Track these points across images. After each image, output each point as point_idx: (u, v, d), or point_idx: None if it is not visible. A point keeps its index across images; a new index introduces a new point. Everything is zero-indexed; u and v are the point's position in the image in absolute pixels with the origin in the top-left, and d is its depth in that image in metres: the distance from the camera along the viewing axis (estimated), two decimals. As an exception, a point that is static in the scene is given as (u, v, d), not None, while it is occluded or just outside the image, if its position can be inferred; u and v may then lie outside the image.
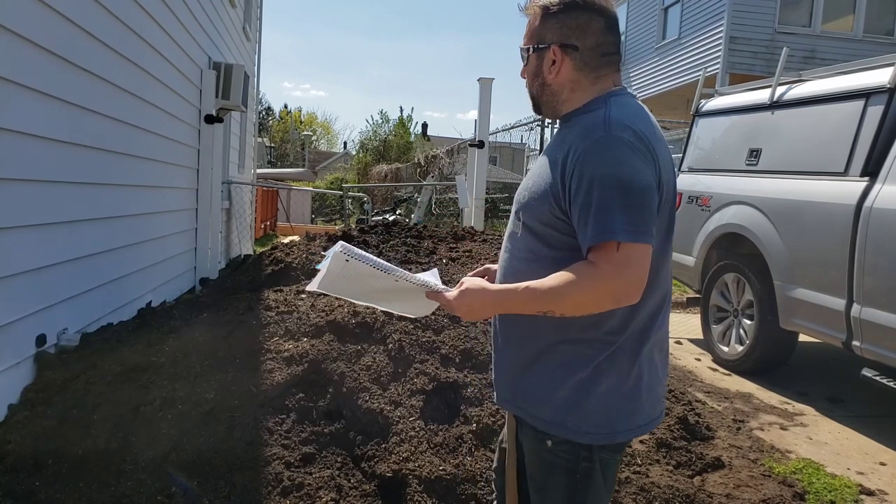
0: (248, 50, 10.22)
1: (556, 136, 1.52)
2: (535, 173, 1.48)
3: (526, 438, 1.51)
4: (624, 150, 1.30)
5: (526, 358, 1.47)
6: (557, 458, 1.44)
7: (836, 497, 2.94)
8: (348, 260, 1.39)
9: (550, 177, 1.38)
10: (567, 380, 1.41)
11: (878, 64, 4.14)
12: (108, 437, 2.46)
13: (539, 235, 1.41)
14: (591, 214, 1.28)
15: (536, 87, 1.50)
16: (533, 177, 1.47)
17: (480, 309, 1.42)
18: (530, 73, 1.51)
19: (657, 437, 3.10)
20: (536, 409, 1.45)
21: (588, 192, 1.29)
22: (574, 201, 1.32)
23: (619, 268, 1.27)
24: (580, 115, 1.43)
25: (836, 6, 12.61)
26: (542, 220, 1.40)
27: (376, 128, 26.77)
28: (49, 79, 3.07)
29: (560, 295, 1.30)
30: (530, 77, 1.51)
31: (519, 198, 1.49)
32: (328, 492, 2.33)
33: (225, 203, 8.09)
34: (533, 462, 1.51)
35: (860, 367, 3.83)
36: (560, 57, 1.44)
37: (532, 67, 1.49)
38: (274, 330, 3.12)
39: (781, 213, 4.43)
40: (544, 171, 1.42)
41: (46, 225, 3.17)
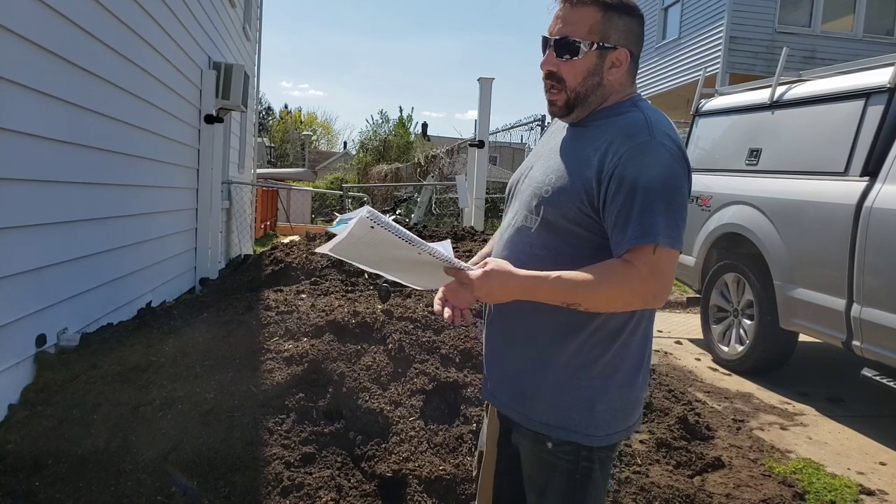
0: (247, 50, 10.22)
1: (579, 133, 1.44)
2: (555, 168, 1.41)
3: (524, 440, 1.47)
4: (668, 156, 1.31)
5: (532, 359, 1.43)
6: (558, 459, 1.42)
7: (836, 497, 2.94)
8: (374, 227, 1.28)
9: (583, 174, 1.35)
10: (576, 383, 1.39)
11: (878, 64, 4.14)
12: (108, 437, 2.46)
13: (560, 231, 1.38)
14: (633, 216, 1.28)
15: (590, 85, 1.39)
16: (555, 171, 1.40)
17: (502, 292, 1.32)
18: (584, 71, 1.38)
19: (657, 437, 3.10)
20: (543, 413, 1.42)
21: (631, 194, 1.28)
22: (612, 201, 1.30)
23: (655, 271, 1.28)
24: (610, 117, 1.40)
25: (835, 6, 12.61)
26: (566, 217, 1.36)
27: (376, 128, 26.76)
28: (49, 79, 3.07)
29: (593, 289, 1.28)
30: (585, 74, 1.38)
31: (538, 192, 1.41)
32: (328, 492, 2.33)
33: (225, 203, 8.09)
34: (531, 464, 1.48)
35: (860, 367, 3.83)
36: (626, 61, 1.39)
37: (590, 64, 1.37)
38: (274, 330, 3.12)
39: (781, 212, 4.43)
40: (573, 167, 1.37)
41: (46, 225, 3.17)
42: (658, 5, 15.05)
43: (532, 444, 1.46)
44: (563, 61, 1.38)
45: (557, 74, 1.39)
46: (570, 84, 1.39)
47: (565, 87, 1.39)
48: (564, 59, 1.38)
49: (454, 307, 1.56)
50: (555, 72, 1.39)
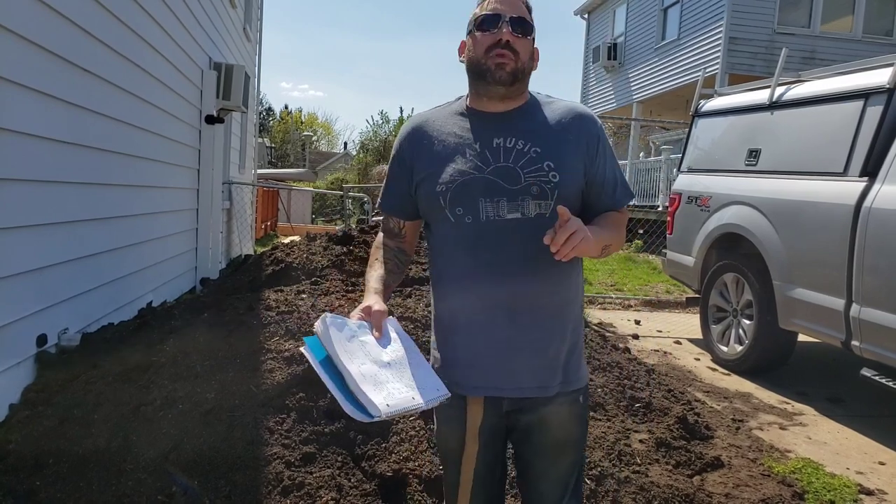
0: (248, 50, 10.22)
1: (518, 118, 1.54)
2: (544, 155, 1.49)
3: (560, 411, 1.57)
4: None
5: (557, 334, 1.55)
6: (585, 409, 1.65)
7: (836, 496, 2.94)
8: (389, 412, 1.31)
9: (577, 154, 1.53)
10: (579, 338, 1.63)
11: (878, 64, 4.15)
12: (109, 437, 2.46)
13: (572, 207, 1.49)
14: (619, 180, 1.60)
15: (530, 65, 1.55)
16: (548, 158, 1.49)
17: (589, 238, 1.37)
18: (530, 51, 1.54)
19: (656, 437, 3.10)
20: (574, 373, 1.59)
21: (613, 163, 1.60)
22: (602, 169, 1.57)
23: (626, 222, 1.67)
24: (546, 104, 1.60)
25: (835, 6, 12.62)
26: (575, 195, 1.54)
27: (376, 128, 26.82)
28: (49, 79, 3.08)
29: (620, 234, 1.60)
30: (529, 54, 1.54)
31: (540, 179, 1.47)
32: (328, 491, 2.34)
33: (226, 203, 8.10)
34: (571, 425, 1.62)
35: (859, 367, 3.83)
36: (537, 59, 1.60)
37: (531, 47, 1.55)
38: (274, 330, 3.12)
39: (781, 213, 4.43)
40: (564, 149, 1.52)
41: (47, 225, 3.17)
42: (657, 6, 15.05)
43: (569, 407, 1.59)
44: (518, 37, 1.51)
45: (513, 46, 1.50)
46: (522, 58, 1.51)
47: (517, 58, 1.50)
48: (518, 36, 1.51)
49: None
50: (511, 43, 1.50)
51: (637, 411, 3.36)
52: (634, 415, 3.33)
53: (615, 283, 8.71)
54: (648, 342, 5.74)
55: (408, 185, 1.60)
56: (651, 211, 11.84)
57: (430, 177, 1.53)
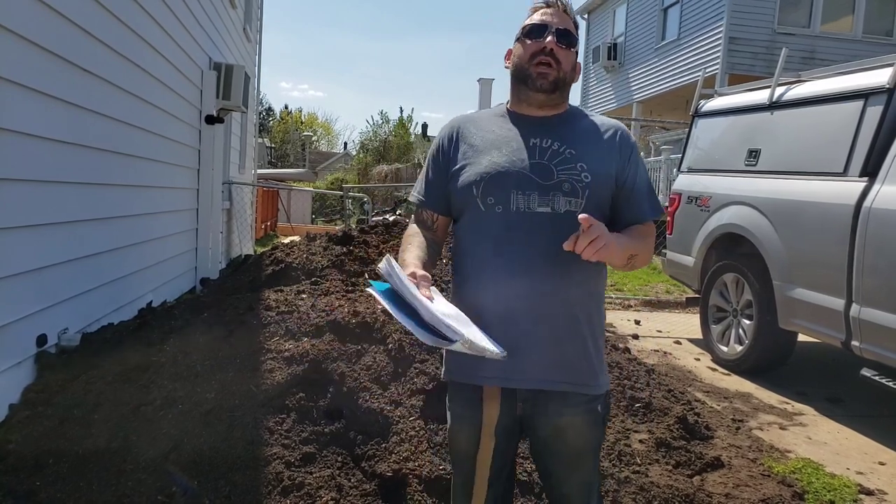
0: (248, 50, 10.22)
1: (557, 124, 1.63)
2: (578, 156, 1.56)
3: (577, 415, 1.59)
4: None
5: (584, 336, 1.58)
6: (603, 416, 1.66)
7: (836, 497, 2.94)
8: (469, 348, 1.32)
9: (610, 159, 1.59)
10: (600, 342, 1.65)
11: (878, 64, 4.15)
12: (109, 437, 2.46)
13: (596, 210, 1.53)
14: (648, 194, 1.63)
15: (572, 76, 1.63)
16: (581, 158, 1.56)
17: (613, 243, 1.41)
18: (573, 61, 1.62)
19: (656, 437, 3.10)
20: (594, 379, 1.60)
21: (645, 177, 1.64)
22: (633, 181, 1.61)
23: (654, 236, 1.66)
24: (585, 118, 1.67)
25: (835, 7, 12.62)
26: (605, 196, 1.58)
27: (376, 128, 26.78)
28: (49, 79, 3.08)
29: (648, 245, 1.60)
30: (572, 64, 1.62)
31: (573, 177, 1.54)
32: (328, 491, 2.34)
33: (225, 203, 8.10)
34: (588, 433, 1.63)
35: (859, 367, 3.83)
36: (579, 73, 1.67)
37: (574, 58, 1.63)
38: (274, 330, 3.12)
39: (781, 213, 4.43)
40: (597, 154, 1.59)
41: (47, 225, 3.17)
42: (657, 6, 15.05)
43: (587, 415, 1.60)
44: (562, 48, 1.59)
45: (556, 56, 1.58)
46: (564, 67, 1.60)
47: (560, 68, 1.59)
48: (562, 47, 1.59)
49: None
50: (555, 52, 1.58)
51: (637, 411, 3.36)
52: (634, 415, 3.33)
53: (615, 282, 8.71)
54: (648, 342, 5.74)
55: (445, 178, 1.66)
56: (651, 211, 11.81)
57: (466, 167, 1.60)
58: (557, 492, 1.67)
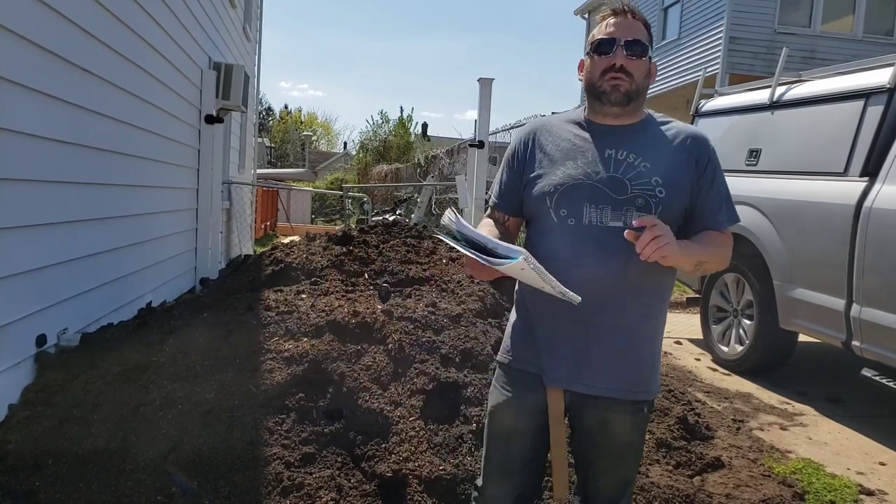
0: (248, 50, 10.22)
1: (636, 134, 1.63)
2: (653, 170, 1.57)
3: (624, 416, 1.63)
4: None
5: (639, 340, 1.62)
6: (646, 420, 1.70)
7: (836, 497, 2.94)
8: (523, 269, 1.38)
9: (686, 174, 1.60)
10: (657, 351, 1.67)
11: (878, 64, 4.14)
12: (109, 437, 2.46)
13: (670, 223, 1.52)
14: (724, 203, 1.64)
15: (645, 84, 1.64)
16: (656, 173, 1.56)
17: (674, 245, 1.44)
18: (645, 70, 1.62)
19: (657, 437, 3.10)
20: (647, 386, 1.64)
21: (721, 188, 1.64)
22: (709, 192, 1.62)
23: (731, 247, 1.67)
24: (663, 124, 1.67)
25: (835, 6, 12.61)
26: (678, 210, 1.59)
27: (376, 128, 26.76)
28: (49, 79, 3.07)
29: (719, 253, 1.61)
30: (644, 73, 1.62)
31: (647, 192, 1.55)
32: (328, 492, 2.33)
33: (225, 203, 8.09)
34: (634, 432, 1.67)
35: (860, 367, 3.83)
36: (654, 75, 1.68)
37: (646, 66, 1.63)
38: (274, 330, 3.12)
39: (781, 213, 4.43)
40: (672, 168, 1.58)
41: (47, 225, 3.17)
42: (658, 5, 15.05)
43: (633, 417, 1.64)
44: (633, 60, 1.59)
45: (626, 69, 1.59)
46: (636, 78, 1.60)
47: (632, 80, 1.59)
48: (633, 58, 1.59)
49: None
50: (625, 66, 1.59)
51: (637, 411, 3.35)
52: (635, 415, 3.33)
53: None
54: (648, 342, 5.74)
55: (519, 183, 1.70)
56: (651, 211, 11.84)
57: (541, 177, 1.63)
58: (593, 483, 1.71)
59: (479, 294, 3.71)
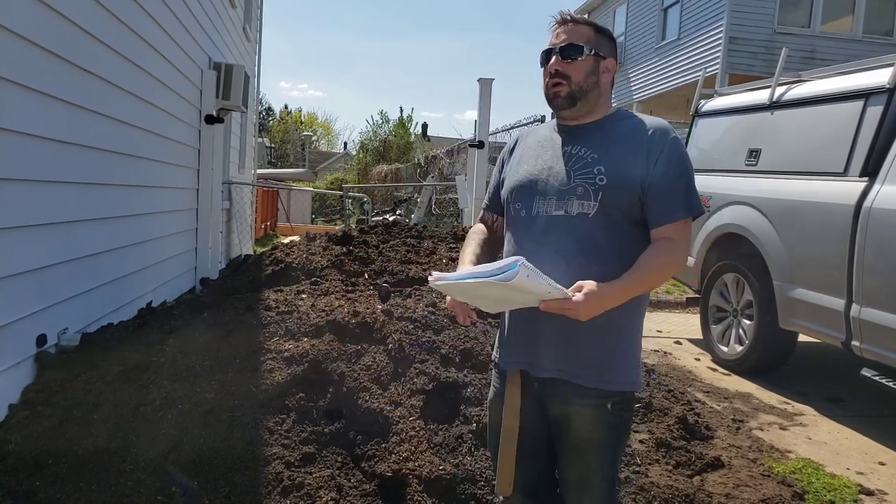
0: (248, 50, 10.22)
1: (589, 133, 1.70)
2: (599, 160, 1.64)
3: (585, 408, 1.65)
4: (685, 148, 1.68)
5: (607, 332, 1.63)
6: (617, 418, 1.67)
7: (836, 497, 2.94)
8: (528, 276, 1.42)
9: (634, 161, 1.62)
10: (630, 342, 1.68)
11: (878, 64, 4.14)
12: (109, 437, 2.46)
13: (613, 214, 1.61)
14: (680, 195, 1.61)
15: (590, 82, 1.68)
16: (601, 163, 1.63)
17: (601, 309, 1.52)
18: (585, 69, 1.68)
19: (657, 437, 3.10)
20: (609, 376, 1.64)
21: (675, 178, 1.61)
22: (660, 184, 1.60)
23: (687, 238, 1.66)
24: (621, 120, 1.71)
25: (835, 6, 12.62)
26: (622, 200, 1.61)
27: (376, 128, 26.76)
28: (49, 79, 3.07)
29: (658, 275, 1.63)
30: (585, 73, 1.67)
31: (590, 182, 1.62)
32: (328, 491, 2.34)
33: (225, 203, 8.09)
34: (597, 428, 1.67)
35: (860, 367, 3.83)
36: (613, 70, 1.75)
37: (588, 66, 1.68)
38: (274, 330, 3.12)
39: (781, 213, 4.43)
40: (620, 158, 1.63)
41: (47, 225, 3.17)
42: (658, 6, 15.05)
43: (592, 410, 1.65)
44: (568, 63, 1.67)
45: (563, 73, 1.67)
46: (574, 79, 1.67)
47: (570, 82, 1.67)
48: (569, 61, 1.67)
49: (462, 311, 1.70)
50: (561, 71, 1.67)
51: (637, 411, 3.35)
52: (634, 415, 3.33)
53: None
54: (648, 342, 5.74)
55: (500, 185, 1.85)
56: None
57: (509, 176, 1.79)
58: (561, 474, 1.77)
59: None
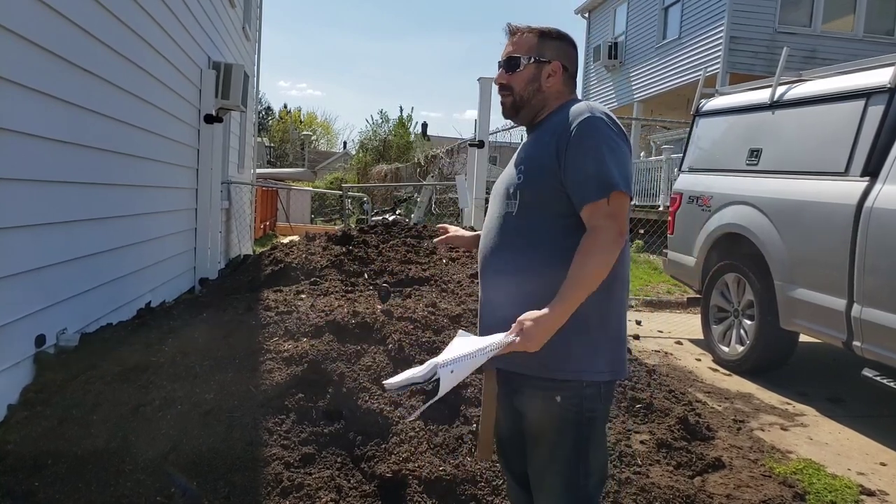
0: (247, 50, 10.22)
1: (533, 136, 1.76)
2: (521, 159, 1.71)
3: (533, 400, 1.66)
4: (604, 124, 1.61)
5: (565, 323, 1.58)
6: (569, 412, 1.62)
7: (837, 497, 2.93)
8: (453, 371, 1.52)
9: (546, 152, 1.63)
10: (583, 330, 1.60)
11: (879, 64, 4.13)
12: (108, 438, 2.46)
13: (536, 207, 1.65)
14: (589, 176, 1.55)
15: (530, 91, 1.74)
16: (522, 161, 1.70)
17: (547, 334, 1.51)
18: (525, 79, 1.73)
19: (657, 438, 3.09)
20: (552, 364, 1.60)
21: (584, 158, 1.57)
22: (571, 166, 1.58)
23: (613, 217, 1.54)
24: (557, 114, 1.70)
25: (836, 6, 12.61)
26: (541, 193, 1.64)
27: (376, 128, 26.76)
28: (49, 79, 3.07)
29: (594, 275, 1.52)
30: (525, 82, 1.73)
31: (512, 180, 1.70)
32: (328, 492, 2.33)
33: (224, 203, 8.08)
34: (542, 420, 1.66)
35: (860, 368, 3.82)
36: (559, 71, 1.74)
37: (528, 74, 1.73)
38: (273, 330, 3.12)
39: (782, 213, 4.42)
40: (536, 152, 1.68)
41: (46, 225, 3.17)
42: (658, 5, 15.04)
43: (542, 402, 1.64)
44: (510, 75, 1.75)
45: (507, 85, 1.75)
46: (516, 90, 1.75)
47: (513, 92, 1.75)
48: (510, 73, 1.75)
49: None
50: (504, 84, 1.76)
51: (638, 412, 3.35)
52: (635, 415, 3.32)
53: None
54: (649, 342, 5.73)
55: None
56: (652, 211, 11.85)
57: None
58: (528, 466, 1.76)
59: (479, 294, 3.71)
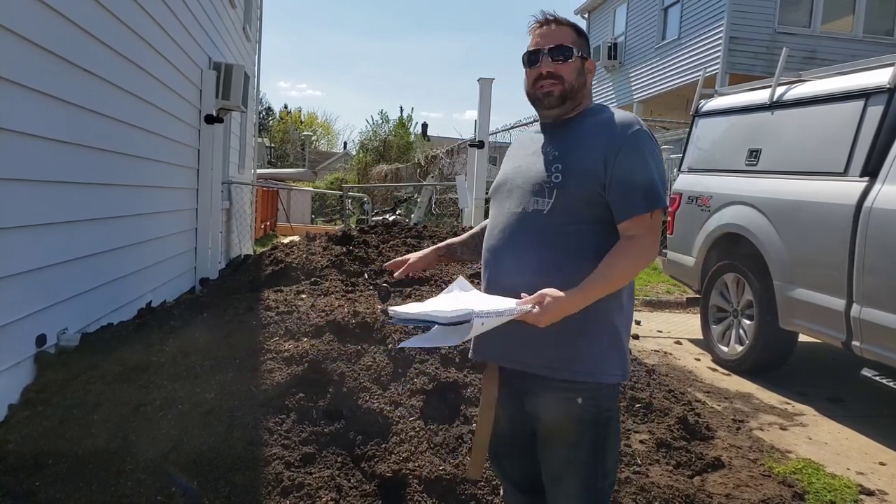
0: (248, 50, 10.22)
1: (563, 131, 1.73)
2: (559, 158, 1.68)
3: (552, 401, 1.65)
4: (651, 140, 1.66)
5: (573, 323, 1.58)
6: (590, 413, 1.64)
7: (836, 497, 2.94)
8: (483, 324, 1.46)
9: (591, 156, 1.62)
10: (605, 331, 1.64)
11: (878, 64, 4.14)
12: (108, 437, 2.46)
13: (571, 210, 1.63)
14: (639, 188, 1.58)
15: (580, 82, 1.73)
16: (561, 160, 1.67)
17: (559, 315, 1.52)
18: (575, 69, 1.72)
19: (657, 437, 3.10)
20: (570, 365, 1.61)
21: (638, 171, 1.59)
22: (620, 176, 1.59)
23: (652, 233, 1.61)
24: (592, 116, 1.72)
25: (835, 6, 12.61)
26: (579, 196, 1.63)
27: (376, 128, 26.76)
28: (49, 79, 3.07)
29: (620, 276, 1.57)
30: (575, 72, 1.72)
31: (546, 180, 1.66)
32: (328, 492, 2.33)
33: (225, 203, 8.09)
34: (562, 422, 1.66)
35: (860, 367, 3.83)
36: (593, 70, 1.80)
37: (577, 66, 1.73)
38: (274, 330, 3.12)
39: (781, 213, 4.43)
40: (578, 154, 1.65)
41: (46, 225, 3.17)
42: (658, 5, 15.04)
43: (559, 403, 1.64)
44: (561, 63, 1.71)
45: (557, 73, 1.70)
46: (567, 79, 1.71)
47: (563, 81, 1.70)
48: (561, 62, 1.71)
49: None
50: (554, 72, 1.70)
51: (637, 412, 3.35)
52: (635, 415, 3.33)
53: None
54: (649, 342, 5.74)
55: None
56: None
57: (496, 177, 1.87)
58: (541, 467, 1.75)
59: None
